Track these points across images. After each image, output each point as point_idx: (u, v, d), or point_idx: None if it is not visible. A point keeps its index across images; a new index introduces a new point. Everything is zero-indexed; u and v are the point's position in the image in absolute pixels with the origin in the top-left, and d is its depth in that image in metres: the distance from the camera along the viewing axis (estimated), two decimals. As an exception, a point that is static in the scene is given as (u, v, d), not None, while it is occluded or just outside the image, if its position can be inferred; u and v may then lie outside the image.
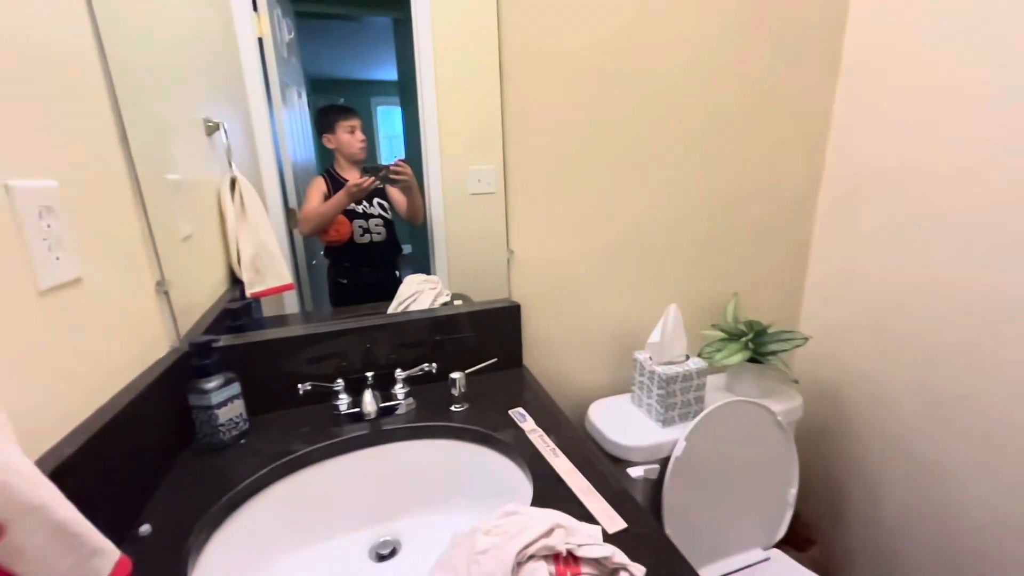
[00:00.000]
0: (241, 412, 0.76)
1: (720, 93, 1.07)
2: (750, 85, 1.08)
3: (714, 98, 1.06)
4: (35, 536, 0.31)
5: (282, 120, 0.88)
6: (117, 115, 0.69)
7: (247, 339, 0.82)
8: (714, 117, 1.08)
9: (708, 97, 1.06)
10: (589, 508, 0.59)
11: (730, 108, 1.08)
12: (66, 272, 0.54)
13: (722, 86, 1.06)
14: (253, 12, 0.82)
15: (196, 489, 0.64)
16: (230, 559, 0.59)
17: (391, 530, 0.73)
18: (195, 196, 0.82)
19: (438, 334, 0.93)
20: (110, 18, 0.67)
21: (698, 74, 1.04)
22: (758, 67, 1.08)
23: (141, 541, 0.55)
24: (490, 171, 0.96)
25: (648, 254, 1.11)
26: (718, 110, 1.08)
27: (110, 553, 0.36)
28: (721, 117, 1.08)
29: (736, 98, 1.08)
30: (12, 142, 0.49)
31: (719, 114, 1.08)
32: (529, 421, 0.79)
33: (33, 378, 0.48)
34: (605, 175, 1.03)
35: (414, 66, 0.89)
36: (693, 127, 1.07)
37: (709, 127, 1.08)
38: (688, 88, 1.04)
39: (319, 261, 0.98)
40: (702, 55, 1.03)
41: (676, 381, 0.97)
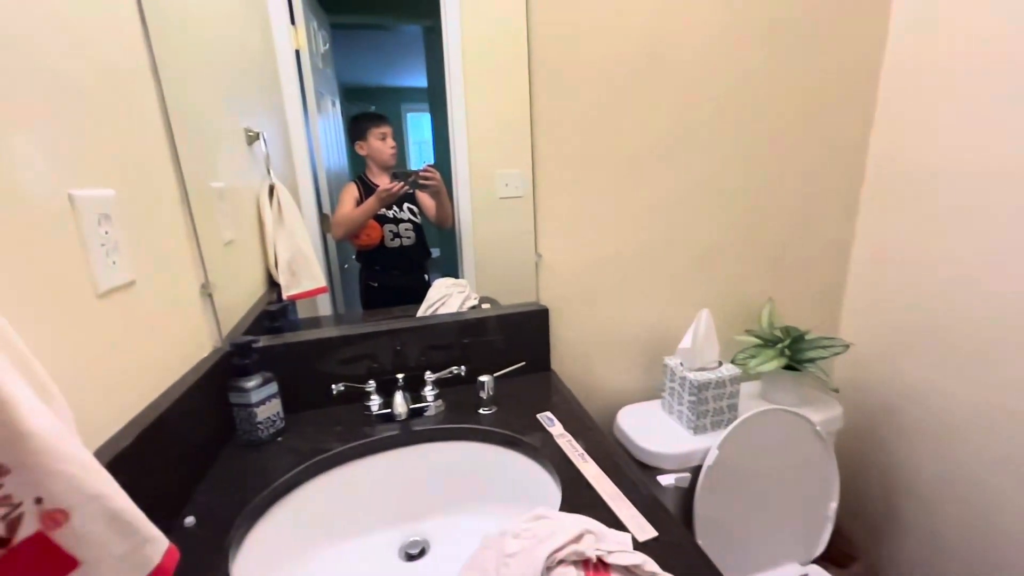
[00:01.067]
0: (278, 410, 0.78)
1: (756, 93, 1.04)
2: (787, 84, 1.05)
3: (750, 98, 1.04)
4: (95, 523, 0.33)
5: (317, 128, 0.91)
6: (167, 127, 0.73)
7: (284, 340, 0.86)
8: (750, 118, 1.05)
9: (743, 98, 1.04)
10: (618, 515, 0.58)
11: (766, 108, 1.06)
12: (121, 276, 0.57)
13: (757, 85, 1.04)
14: (291, 25, 0.85)
15: (237, 484, 0.66)
16: (267, 553, 0.61)
17: (420, 530, 0.74)
18: (236, 203, 0.86)
19: (466, 337, 0.94)
20: (163, 38, 0.71)
21: (732, 74, 1.02)
22: (796, 65, 1.05)
23: (186, 532, 0.57)
24: (517, 175, 0.96)
25: (679, 258, 1.09)
26: (754, 111, 1.05)
27: (160, 542, 0.38)
28: (757, 118, 1.06)
29: (773, 97, 1.05)
30: (75, 155, 0.52)
31: (755, 115, 1.05)
32: (557, 425, 0.78)
33: (93, 375, 0.52)
34: (635, 178, 1.02)
35: (443, 73, 0.91)
36: (727, 129, 1.05)
37: (744, 129, 1.06)
38: (722, 89, 1.02)
39: (351, 265, 1.01)
40: (736, 55, 1.01)
41: (708, 388, 0.95)
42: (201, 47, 0.79)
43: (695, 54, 0.99)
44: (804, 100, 1.08)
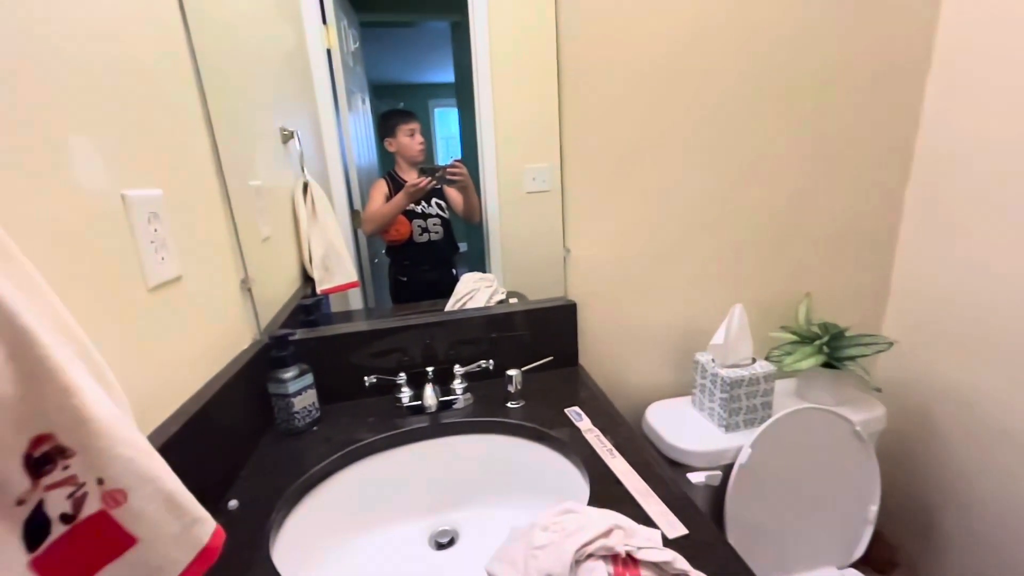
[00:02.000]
0: (314, 401, 0.81)
1: (796, 80, 1.00)
2: (831, 75, 1.01)
3: (790, 89, 1.00)
4: (150, 503, 0.35)
5: (348, 126, 0.93)
6: (209, 129, 0.76)
7: (319, 333, 0.88)
8: (790, 110, 1.01)
9: (782, 89, 1.00)
10: (647, 511, 0.58)
11: (808, 100, 1.01)
12: (169, 271, 0.60)
13: (798, 72, 1.00)
14: (323, 25, 0.87)
15: (276, 470, 0.69)
16: (305, 537, 0.64)
17: (449, 520, 0.75)
18: (273, 200, 0.89)
19: (494, 332, 0.94)
20: (204, 46, 0.73)
21: (772, 64, 0.98)
22: (839, 52, 1.00)
23: (230, 515, 0.60)
24: (545, 169, 0.96)
25: (712, 252, 1.07)
26: (795, 102, 1.01)
27: (208, 523, 0.40)
28: (796, 106, 1.02)
29: (813, 85, 1.01)
30: (127, 157, 0.55)
31: (796, 107, 1.01)
32: (585, 420, 0.78)
33: (144, 365, 0.55)
34: (666, 171, 1.00)
35: (471, 68, 0.91)
36: (765, 121, 1.01)
37: (784, 121, 1.02)
38: (758, 76, 0.98)
39: (381, 259, 1.03)
40: (774, 42, 0.97)
41: (741, 385, 0.92)
42: (239, 51, 0.82)
43: (730, 45, 0.95)
44: (849, 92, 1.03)
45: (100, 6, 0.53)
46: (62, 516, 0.32)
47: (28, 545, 0.31)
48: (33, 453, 0.31)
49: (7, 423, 0.29)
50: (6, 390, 0.29)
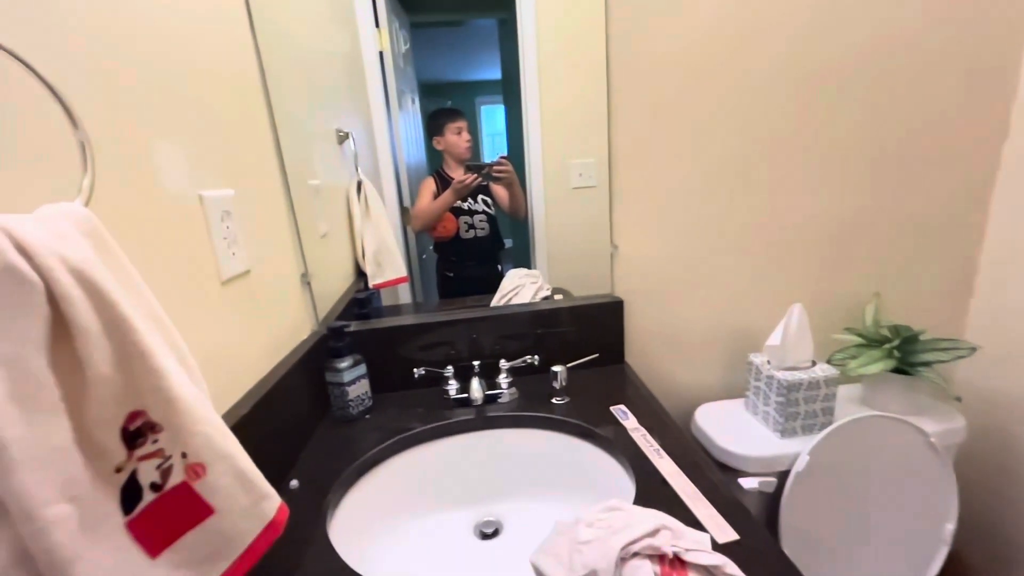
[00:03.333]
0: (367, 390, 0.85)
1: (878, 74, 0.93)
2: (917, 66, 0.93)
3: (860, 77, 0.93)
4: (225, 478, 0.39)
5: (398, 126, 0.96)
6: (274, 132, 0.81)
7: (371, 326, 0.92)
8: (861, 100, 0.94)
9: (857, 80, 0.93)
10: (696, 514, 0.56)
11: (883, 89, 0.94)
12: (240, 265, 0.65)
13: (882, 68, 0.93)
14: (375, 28, 0.90)
15: (332, 454, 0.73)
16: (358, 518, 0.67)
17: (493, 511, 0.76)
18: (329, 198, 0.93)
19: (539, 327, 0.95)
20: (270, 56, 0.78)
21: (845, 54, 0.92)
22: (932, 48, 0.92)
23: (291, 493, 0.65)
24: (591, 165, 0.95)
25: (769, 249, 1.02)
26: (869, 92, 0.94)
27: (274, 499, 0.44)
28: (872, 99, 0.94)
29: (897, 80, 0.94)
30: (204, 161, 0.60)
31: (870, 96, 0.94)
32: (631, 419, 0.77)
33: (217, 352, 0.60)
34: (721, 166, 0.96)
35: (518, 64, 0.91)
36: (830, 111, 0.95)
37: (853, 111, 0.95)
38: (824, 65, 0.92)
39: (429, 255, 1.06)
40: (841, 30, 0.90)
41: (799, 389, 0.88)
42: (300, 58, 0.86)
43: (794, 31, 0.90)
44: (936, 86, 0.95)
45: (181, 22, 0.58)
46: (152, 485, 0.36)
47: (124, 508, 0.35)
48: (129, 427, 0.35)
49: (108, 398, 0.33)
50: (107, 370, 0.32)
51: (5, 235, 0.28)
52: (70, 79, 0.41)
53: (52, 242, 0.30)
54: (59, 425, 0.30)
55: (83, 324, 0.31)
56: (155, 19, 0.53)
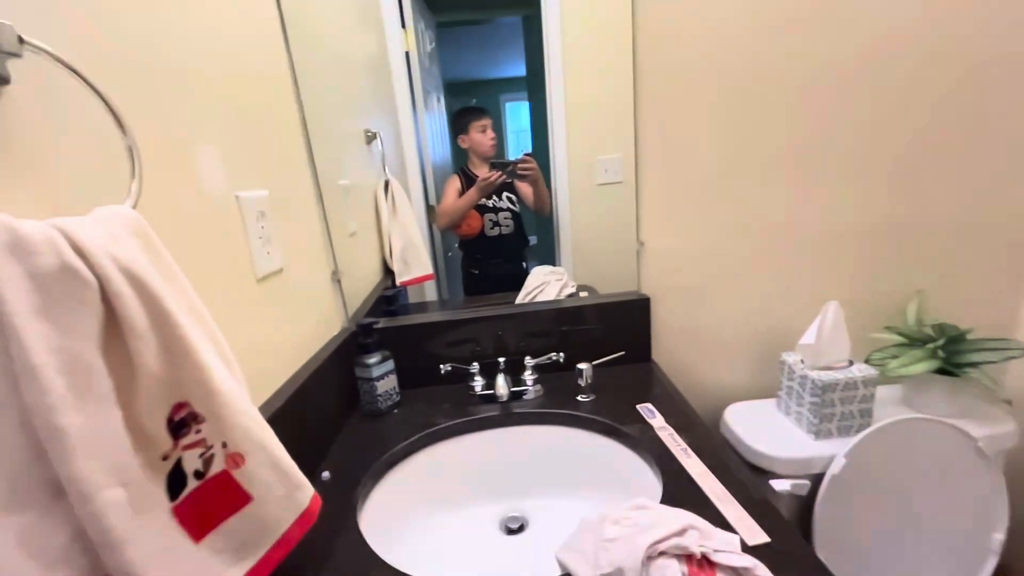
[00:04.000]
0: (395, 386, 0.87)
1: (905, 50, 0.89)
2: (950, 41, 0.88)
3: (897, 58, 0.89)
4: (263, 467, 0.41)
5: (424, 125, 0.97)
6: (305, 134, 0.83)
7: (399, 322, 0.94)
8: (906, 86, 0.90)
9: (888, 58, 0.89)
10: (725, 515, 0.55)
11: (930, 75, 0.89)
12: (274, 263, 0.67)
13: (908, 42, 0.88)
14: (402, 29, 0.92)
15: (361, 448, 0.75)
16: (386, 510, 0.69)
17: (519, 507, 0.77)
18: (358, 198, 0.96)
19: (565, 325, 0.95)
20: (302, 62, 0.81)
21: (875, 37, 0.88)
22: (962, 24, 0.87)
23: (323, 484, 0.67)
24: (617, 160, 0.94)
25: (803, 245, 0.98)
26: (918, 78, 0.89)
27: (308, 489, 0.45)
28: (918, 85, 0.90)
29: (930, 57, 0.89)
30: (241, 163, 0.62)
31: (918, 82, 0.90)
32: (658, 418, 0.76)
33: (255, 347, 0.62)
34: (752, 160, 0.94)
35: (543, 61, 0.91)
36: (865, 99, 0.91)
37: (887, 97, 0.91)
38: (860, 55, 0.88)
39: (454, 253, 1.07)
40: (878, 19, 0.86)
41: (835, 389, 0.85)
42: (330, 62, 0.88)
43: (828, 20, 0.87)
44: (989, 72, 0.89)
45: (220, 32, 0.60)
46: (195, 472, 0.38)
47: (171, 494, 0.36)
48: (174, 417, 0.37)
49: (155, 390, 0.35)
50: (155, 363, 0.34)
51: (63, 237, 0.30)
52: (119, 89, 0.43)
53: (105, 243, 0.32)
54: (111, 414, 0.32)
55: (133, 320, 0.32)
56: (196, 30, 0.55)
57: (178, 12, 0.53)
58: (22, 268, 0.28)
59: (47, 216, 0.31)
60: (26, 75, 0.34)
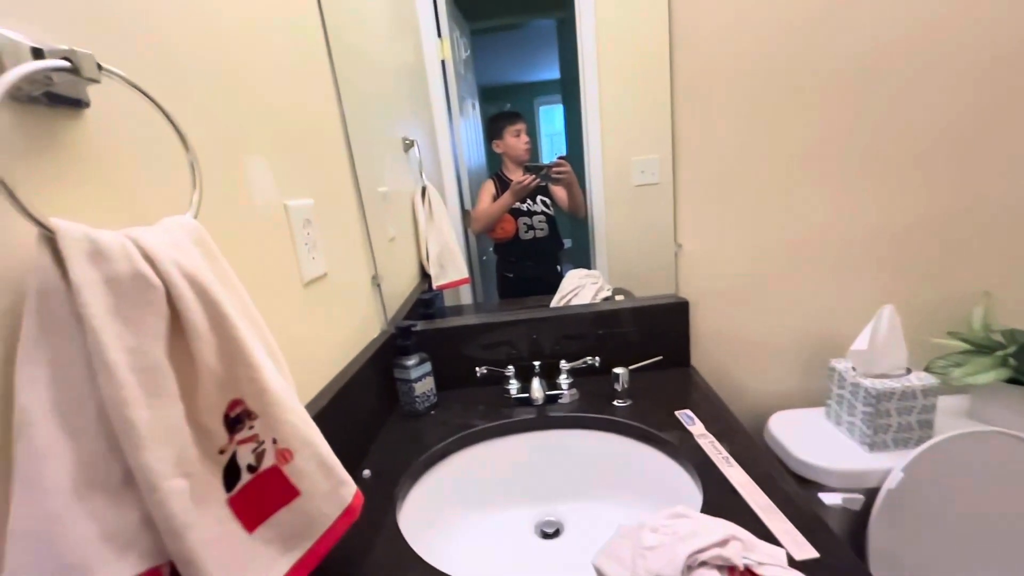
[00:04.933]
0: (432, 387, 0.88)
1: (961, 43, 0.83)
2: (1008, 31, 0.82)
3: (954, 49, 0.84)
4: (309, 464, 0.42)
5: (460, 131, 0.99)
6: (347, 144, 0.86)
7: (436, 325, 0.96)
8: (953, 72, 0.85)
9: (944, 49, 0.84)
10: (770, 528, 0.53)
11: (978, 57, 0.84)
12: (319, 268, 0.70)
13: (963, 36, 0.83)
14: (438, 38, 0.94)
15: (400, 447, 0.77)
16: (424, 509, 0.70)
17: (554, 511, 0.77)
18: (397, 204, 0.98)
19: (600, 328, 0.94)
20: (345, 75, 0.84)
21: (927, 30, 0.83)
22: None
23: (364, 482, 0.69)
24: (655, 161, 0.92)
25: (854, 245, 0.93)
26: (961, 64, 0.84)
27: (351, 486, 0.47)
28: (961, 69, 0.84)
29: (990, 46, 0.83)
30: (288, 174, 0.66)
31: (960, 67, 0.84)
32: (698, 424, 0.74)
33: (301, 348, 0.65)
34: (796, 157, 0.90)
35: (577, 63, 0.91)
36: (920, 91, 0.86)
37: (946, 87, 0.85)
38: (914, 46, 0.84)
39: (489, 256, 1.08)
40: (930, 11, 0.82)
41: (891, 398, 0.80)
42: (370, 73, 0.92)
43: (877, 12, 0.82)
44: None
45: (270, 49, 0.63)
46: (248, 466, 0.40)
47: (226, 486, 0.39)
48: (230, 413, 0.39)
49: (213, 387, 0.37)
50: (213, 362, 0.37)
51: (135, 245, 0.33)
52: (179, 108, 0.47)
53: (170, 251, 0.35)
54: (175, 410, 0.35)
55: (194, 322, 0.35)
56: (248, 49, 0.59)
57: (231, 33, 0.56)
58: (100, 274, 0.31)
59: (121, 226, 0.34)
60: (102, 98, 0.38)
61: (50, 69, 0.31)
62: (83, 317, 0.30)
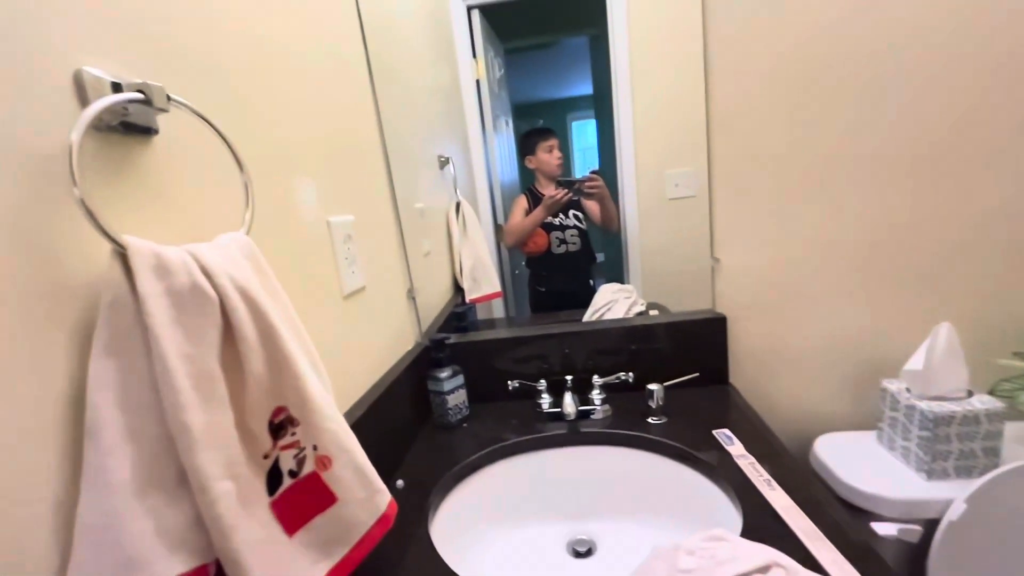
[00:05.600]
0: (464, 400, 0.89)
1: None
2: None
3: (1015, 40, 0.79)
4: (347, 470, 0.44)
5: (493, 148, 1.01)
6: (386, 162, 0.90)
7: (469, 338, 0.97)
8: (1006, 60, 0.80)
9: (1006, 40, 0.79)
10: (817, 556, 0.50)
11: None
12: (358, 282, 0.73)
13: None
14: (472, 59, 0.97)
15: (433, 459, 0.78)
16: (456, 521, 0.70)
17: (586, 529, 0.75)
18: (432, 219, 1.01)
19: (634, 344, 0.92)
20: (384, 92, 0.88)
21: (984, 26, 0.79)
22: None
23: (398, 492, 0.70)
24: (690, 174, 0.91)
25: (906, 256, 0.89)
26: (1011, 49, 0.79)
27: (386, 494, 0.48)
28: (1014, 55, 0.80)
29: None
30: (331, 191, 0.69)
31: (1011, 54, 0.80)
32: (737, 445, 0.72)
33: (341, 359, 0.67)
34: (842, 165, 0.87)
35: (610, 78, 0.92)
36: (973, 87, 0.81)
37: (1001, 78, 0.81)
38: (967, 39, 0.80)
39: (521, 271, 1.09)
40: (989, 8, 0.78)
41: (951, 423, 0.74)
42: (408, 94, 0.95)
43: (922, 10, 0.79)
44: None
45: (318, 76, 0.67)
46: (290, 471, 0.42)
47: (269, 490, 0.40)
48: (274, 420, 0.41)
49: (260, 395, 0.39)
50: (261, 369, 0.39)
51: (194, 260, 0.35)
52: (235, 132, 0.50)
53: (225, 265, 0.37)
54: (225, 415, 0.37)
55: (245, 332, 0.37)
56: (297, 76, 0.63)
57: (281, 62, 0.60)
58: (164, 286, 0.33)
59: (181, 242, 0.36)
60: (168, 126, 0.41)
61: (127, 101, 0.35)
62: (147, 326, 0.32)
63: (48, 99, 0.32)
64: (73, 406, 0.33)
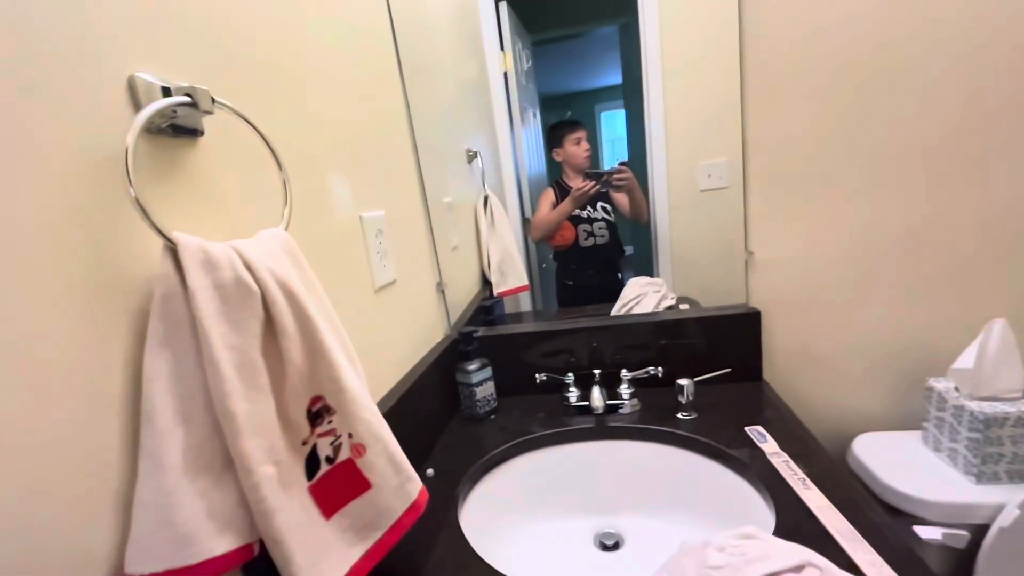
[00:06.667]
0: (492, 392, 0.90)
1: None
2: None
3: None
4: (380, 458, 0.45)
5: (521, 140, 1.01)
6: (416, 158, 0.91)
7: (497, 332, 0.98)
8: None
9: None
10: (854, 558, 0.49)
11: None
12: (389, 275, 0.75)
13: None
14: (500, 52, 0.97)
15: (462, 449, 0.79)
16: (484, 511, 0.71)
17: (614, 523, 0.75)
18: (460, 213, 1.02)
19: (663, 338, 0.91)
20: (414, 90, 0.89)
21: None
22: None
23: (428, 480, 0.71)
24: (722, 164, 0.89)
25: (953, 251, 0.84)
26: None
27: (417, 482, 0.49)
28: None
29: None
30: (363, 187, 0.71)
31: None
32: (770, 442, 0.70)
33: (372, 350, 0.69)
34: (883, 150, 0.83)
35: (640, 67, 0.90)
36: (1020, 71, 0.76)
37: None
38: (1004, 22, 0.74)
39: (548, 264, 1.08)
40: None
41: (1004, 424, 0.71)
42: (437, 91, 0.96)
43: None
44: None
45: (348, 67, 0.69)
46: (327, 458, 0.44)
47: (308, 475, 0.42)
48: (312, 408, 0.43)
49: (299, 384, 0.41)
50: (300, 359, 0.40)
51: (237, 255, 0.37)
52: (274, 132, 0.52)
53: (266, 260, 0.39)
54: (267, 403, 0.39)
55: (284, 324, 0.39)
56: (332, 77, 0.64)
57: (315, 63, 0.62)
58: (210, 280, 0.35)
59: (225, 238, 0.38)
60: (212, 127, 0.43)
61: (176, 104, 0.36)
62: (196, 318, 0.34)
63: (105, 104, 0.35)
64: (132, 392, 0.35)
